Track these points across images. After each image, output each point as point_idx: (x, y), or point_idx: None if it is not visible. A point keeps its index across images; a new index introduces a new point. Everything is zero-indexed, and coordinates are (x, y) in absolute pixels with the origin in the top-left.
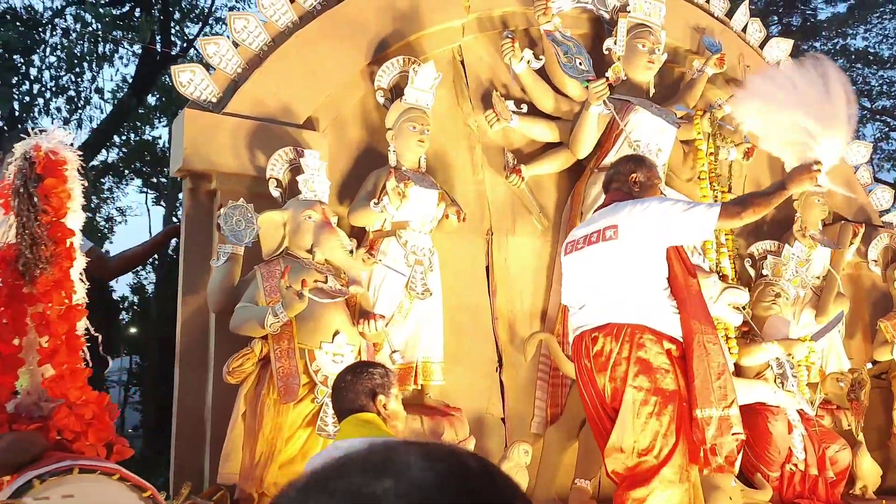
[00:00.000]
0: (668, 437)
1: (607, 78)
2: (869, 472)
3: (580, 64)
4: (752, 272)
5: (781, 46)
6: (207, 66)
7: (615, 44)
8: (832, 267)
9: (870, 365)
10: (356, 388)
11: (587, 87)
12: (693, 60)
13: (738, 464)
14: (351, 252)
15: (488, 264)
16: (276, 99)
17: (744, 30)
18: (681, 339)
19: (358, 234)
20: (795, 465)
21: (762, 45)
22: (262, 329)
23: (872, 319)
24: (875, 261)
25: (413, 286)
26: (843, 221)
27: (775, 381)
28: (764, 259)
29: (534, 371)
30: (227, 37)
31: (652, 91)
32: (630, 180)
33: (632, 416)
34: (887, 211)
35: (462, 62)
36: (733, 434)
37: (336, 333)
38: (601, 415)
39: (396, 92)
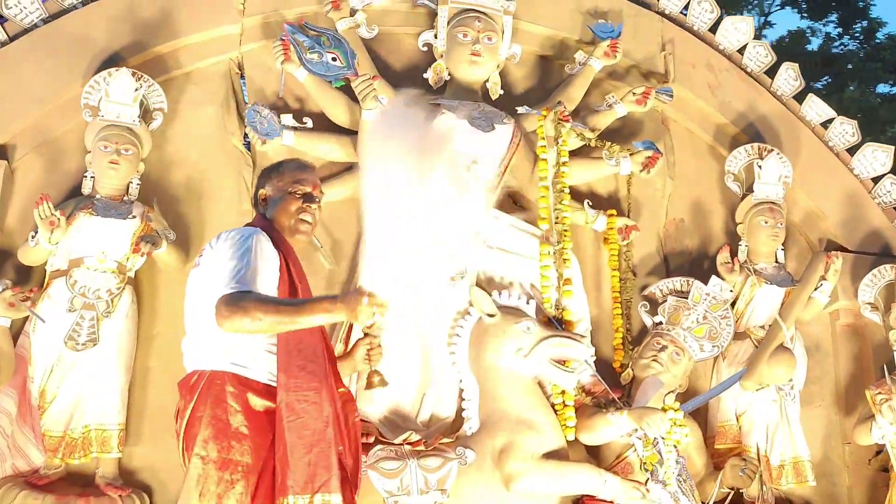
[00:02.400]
0: None
1: (375, 75)
2: None
3: (333, 60)
4: (649, 320)
5: (739, 27)
6: None
7: (435, 37)
8: (781, 312)
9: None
10: None
11: (339, 87)
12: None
13: None
14: None
15: None
16: None
17: (684, 11)
18: None
19: None
20: None
21: (713, 29)
22: None
23: None
24: (871, 304)
25: (76, 335)
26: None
27: (642, 466)
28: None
29: None
30: None
31: (498, 92)
32: (259, 199)
33: (195, 495)
34: None
35: (242, 75)
36: None
37: None
38: None
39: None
